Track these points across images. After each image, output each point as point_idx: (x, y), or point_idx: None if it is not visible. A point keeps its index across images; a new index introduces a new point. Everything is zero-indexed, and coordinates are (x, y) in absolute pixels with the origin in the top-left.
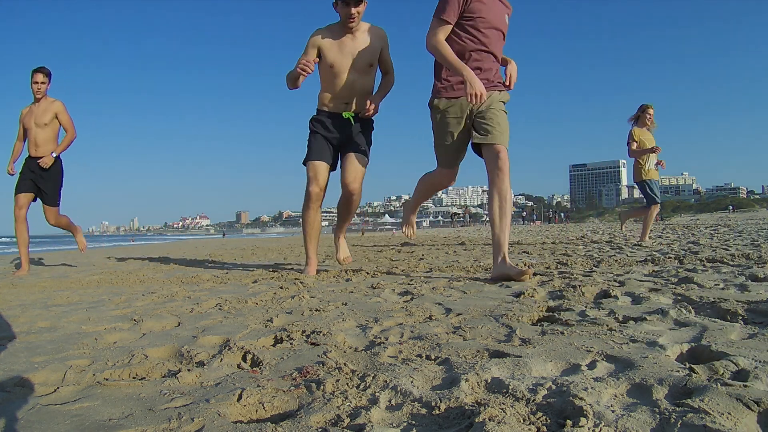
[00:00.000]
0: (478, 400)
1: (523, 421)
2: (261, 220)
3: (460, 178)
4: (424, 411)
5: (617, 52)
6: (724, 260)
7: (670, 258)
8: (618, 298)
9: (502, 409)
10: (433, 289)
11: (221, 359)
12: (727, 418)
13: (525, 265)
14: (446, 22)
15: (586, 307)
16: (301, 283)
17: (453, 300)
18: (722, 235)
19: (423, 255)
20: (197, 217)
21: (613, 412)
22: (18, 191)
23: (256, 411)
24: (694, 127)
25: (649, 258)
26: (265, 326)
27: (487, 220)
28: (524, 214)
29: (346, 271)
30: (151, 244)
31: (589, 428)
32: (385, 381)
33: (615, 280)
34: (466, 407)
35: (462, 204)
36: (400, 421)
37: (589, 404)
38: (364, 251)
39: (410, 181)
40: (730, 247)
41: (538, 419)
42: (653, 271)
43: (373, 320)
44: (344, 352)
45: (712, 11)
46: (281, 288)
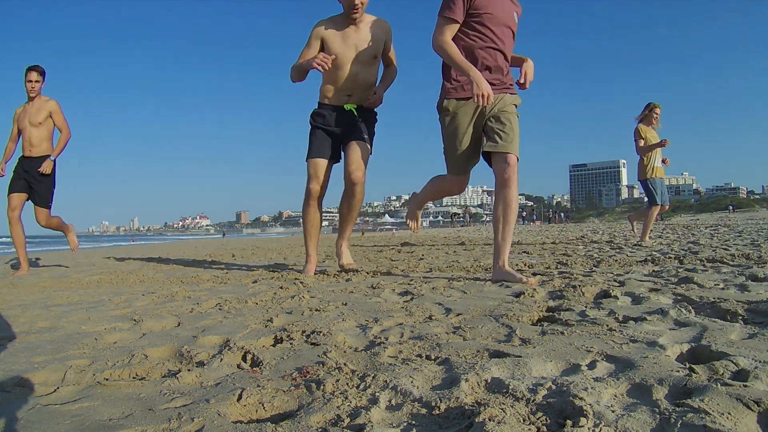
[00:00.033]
0: (478, 400)
1: (523, 421)
2: (261, 220)
3: None
4: (424, 411)
5: (617, 52)
6: (724, 260)
7: (670, 258)
8: (618, 298)
9: (502, 409)
10: (433, 289)
11: (221, 359)
12: (727, 418)
13: (525, 265)
14: (453, 20)
15: (586, 307)
16: (301, 283)
17: (453, 300)
18: (722, 235)
19: (423, 255)
20: (197, 217)
21: (613, 412)
22: (11, 191)
23: (256, 411)
24: (694, 127)
25: (649, 258)
26: (265, 326)
27: (488, 220)
28: (524, 214)
29: (346, 271)
30: (151, 244)
31: (589, 428)
32: (385, 381)
33: (615, 280)
34: (466, 407)
35: (462, 204)
36: (400, 421)
37: (589, 404)
38: (364, 251)
39: (410, 181)
40: (730, 247)
41: (538, 419)
42: (653, 271)
43: (373, 320)
44: (344, 352)
45: (712, 10)
46: (281, 288)
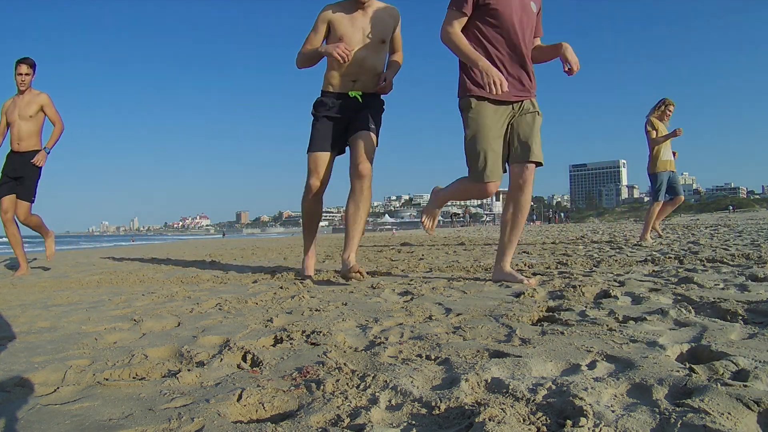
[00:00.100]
0: (478, 400)
1: (523, 421)
2: (261, 220)
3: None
4: (424, 411)
5: (617, 51)
6: (724, 260)
7: (670, 258)
8: (618, 298)
9: (502, 409)
10: (433, 289)
11: (221, 359)
12: (727, 418)
13: (525, 265)
14: (461, 12)
15: (586, 307)
16: (301, 283)
17: (453, 300)
18: (722, 235)
19: (423, 255)
20: (197, 217)
21: (613, 412)
22: (0, 195)
23: (256, 411)
24: (694, 126)
25: (649, 258)
26: (265, 326)
27: (488, 220)
28: None
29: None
30: (151, 244)
31: (589, 428)
32: (385, 381)
33: (615, 280)
34: (466, 407)
35: (462, 204)
36: (400, 421)
37: (589, 404)
38: (364, 251)
39: (410, 180)
40: (730, 247)
41: (538, 419)
42: (653, 271)
43: (373, 320)
44: (344, 352)
45: (712, 9)
46: (281, 288)
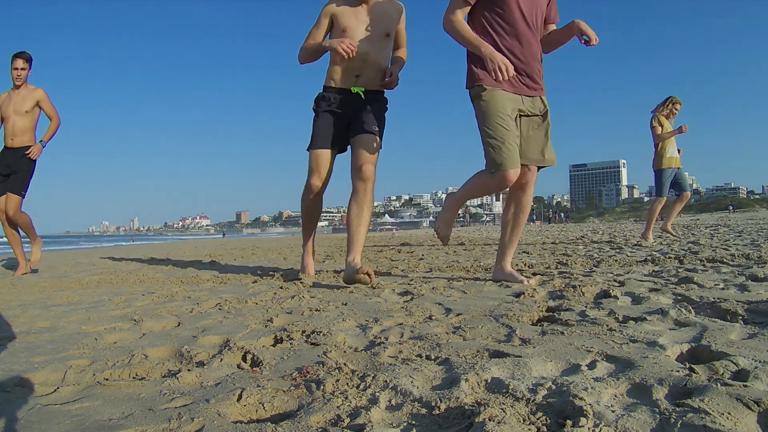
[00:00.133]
0: (478, 400)
1: (523, 421)
2: (261, 220)
3: (460, 177)
4: (424, 411)
5: (616, 50)
6: (724, 260)
7: (670, 258)
8: (618, 298)
9: (502, 409)
10: (433, 289)
11: (221, 359)
12: (727, 418)
13: (525, 265)
14: (464, 0)
15: (586, 307)
16: (301, 283)
17: (453, 300)
18: (722, 235)
19: (423, 255)
20: (197, 217)
21: (613, 412)
22: None
23: (256, 411)
24: (694, 126)
25: (649, 258)
26: (265, 326)
27: (488, 220)
28: None
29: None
30: (151, 244)
31: (589, 428)
32: (385, 381)
33: (615, 280)
34: (466, 407)
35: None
36: (400, 421)
37: (589, 404)
38: (364, 251)
39: (410, 180)
40: (730, 247)
41: (538, 419)
42: (653, 271)
43: (373, 320)
44: (344, 352)
45: (712, 8)
46: (281, 288)
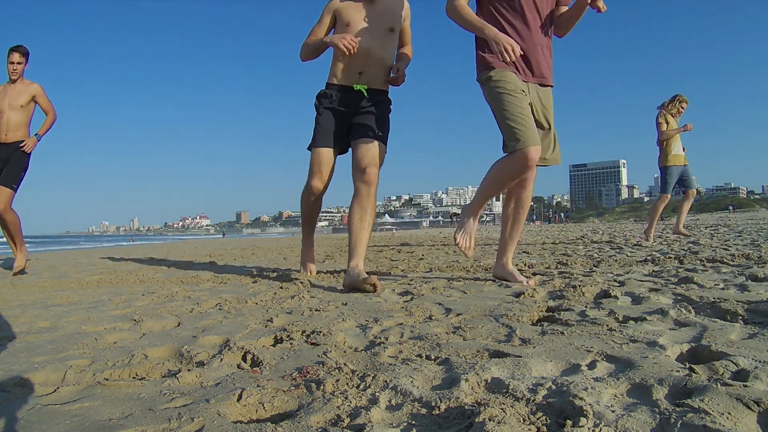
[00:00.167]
0: (478, 400)
1: (523, 421)
2: (261, 220)
3: (460, 177)
4: (424, 411)
5: (616, 50)
6: (724, 260)
7: (670, 258)
8: (618, 298)
9: (502, 409)
10: (433, 289)
11: (221, 359)
12: (727, 418)
13: (525, 265)
14: None
15: (586, 307)
16: (301, 283)
17: (453, 300)
18: (722, 235)
19: (423, 255)
20: (197, 217)
21: (613, 412)
22: None
23: (256, 411)
24: (694, 126)
25: (649, 258)
26: (265, 326)
27: (488, 220)
28: None
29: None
30: (151, 244)
31: (589, 428)
32: (385, 381)
33: (615, 280)
34: (466, 407)
35: (462, 204)
36: (400, 421)
37: (589, 404)
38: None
39: (410, 181)
40: (730, 247)
41: (538, 419)
42: (653, 271)
43: (373, 320)
44: (344, 352)
45: (712, 8)
46: (281, 288)
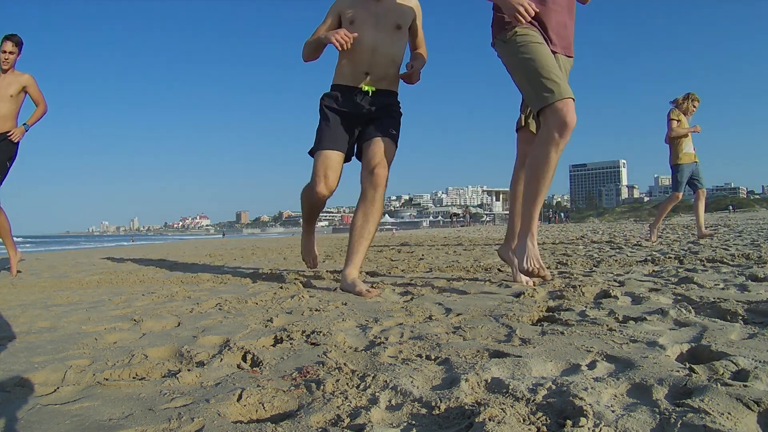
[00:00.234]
0: (478, 400)
1: (523, 421)
2: (261, 220)
3: (460, 177)
4: (424, 411)
5: (616, 50)
6: (724, 260)
7: (670, 258)
8: (618, 298)
9: (502, 409)
10: (433, 289)
11: (221, 359)
12: (727, 418)
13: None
14: None
15: (586, 307)
16: (301, 283)
17: (453, 300)
18: (722, 235)
19: (423, 255)
20: (197, 217)
21: (613, 412)
22: None
23: (256, 411)
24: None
25: (649, 258)
26: (265, 326)
27: (488, 220)
28: None
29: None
30: (151, 244)
31: (589, 428)
32: (385, 381)
33: (615, 280)
34: (466, 407)
35: (462, 204)
36: (400, 421)
37: (589, 404)
38: None
39: (410, 181)
40: (730, 247)
41: (538, 419)
42: (653, 271)
43: (373, 320)
44: (344, 352)
45: (713, 7)
46: (281, 288)
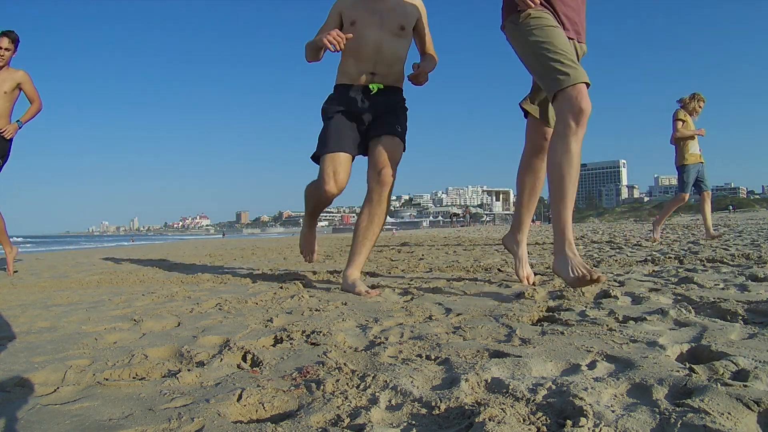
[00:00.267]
0: (478, 400)
1: (523, 421)
2: (261, 220)
3: (460, 177)
4: (424, 411)
5: (616, 50)
6: (724, 260)
7: (670, 258)
8: (618, 298)
9: (502, 409)
10: (433, 289)
11: (221, 359)
12: (727, 418)
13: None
14: None
15: (586, 307)
16: (302, 283)
17: (453, 300)
18: (722, 234)
19: (423, 255)
20: (197, 217)
21: (613, 412)
22: None
23: (256, 411)
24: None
25: (649, 258)
26: (265, 326)
27: (488, 220)
28: None
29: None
30: (151, 244)
31: (589, 428)
32: (385, 381)
33: (615, 280)
34: (466, 407)
35: (462, 204)
36: (400, 421)
37: (589, 404)
38: None
39: (410, 181)
40: (730, 247)
41: (538, 419)
42: (653, 271)
43: (373, 320)
44: (344, 352)
45: (713, 7)
46: (281, 288)
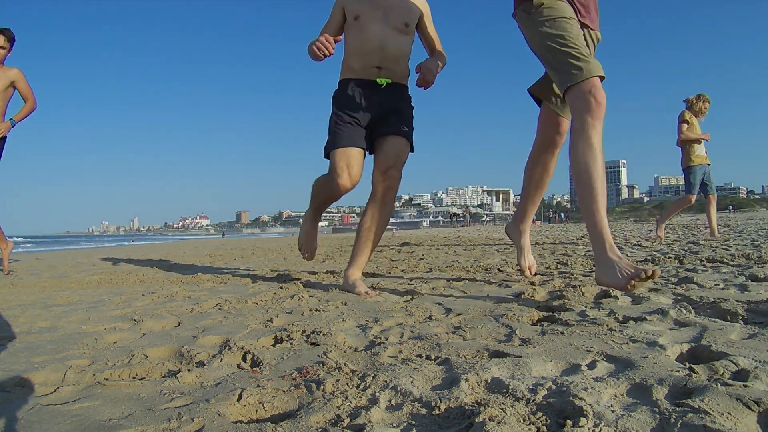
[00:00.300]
0: (478, 400)
1: (523, 421)
2: (261, 220)
3: (460, 177)
4: (424, 411)
5: (616, 50)
6: (724, 260)
7: (670, 258)
8: (618, 298)
9: (502, 409)
10: (433, 289)
11: (221, 359)
12: (727, 418)
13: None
14: None
15: (586, 307)
16: (302, 283)
17: (453, 300)
18: (722, 235)
19: (423, 255)
20: (197, 217)
21: (613, 412)
22: None
23: (256, 411)
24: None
25: (649, 258)
26: (265, 326)
27: (488, 220)
28: None
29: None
30: (151, 244)
31: (589, 428)
32: (385, 381)
33: None
34: (466, 407)
35: (462, 204)
36: (400, 421)
37: (589, 404)
38: None
39: (410, 180)
40: (730, 247)
41: (538, 419)
42: None
43: (373, 320)
44: (344, 352)
45: (713, 7)
46: (281, 288)
